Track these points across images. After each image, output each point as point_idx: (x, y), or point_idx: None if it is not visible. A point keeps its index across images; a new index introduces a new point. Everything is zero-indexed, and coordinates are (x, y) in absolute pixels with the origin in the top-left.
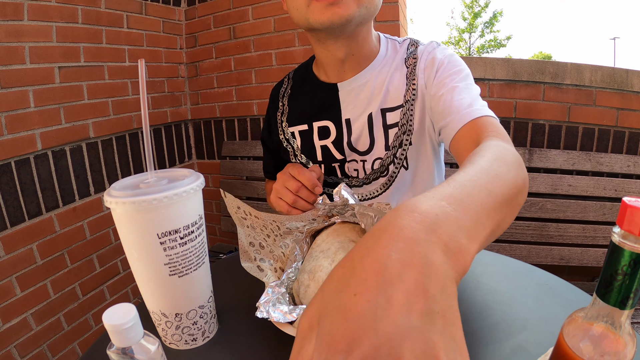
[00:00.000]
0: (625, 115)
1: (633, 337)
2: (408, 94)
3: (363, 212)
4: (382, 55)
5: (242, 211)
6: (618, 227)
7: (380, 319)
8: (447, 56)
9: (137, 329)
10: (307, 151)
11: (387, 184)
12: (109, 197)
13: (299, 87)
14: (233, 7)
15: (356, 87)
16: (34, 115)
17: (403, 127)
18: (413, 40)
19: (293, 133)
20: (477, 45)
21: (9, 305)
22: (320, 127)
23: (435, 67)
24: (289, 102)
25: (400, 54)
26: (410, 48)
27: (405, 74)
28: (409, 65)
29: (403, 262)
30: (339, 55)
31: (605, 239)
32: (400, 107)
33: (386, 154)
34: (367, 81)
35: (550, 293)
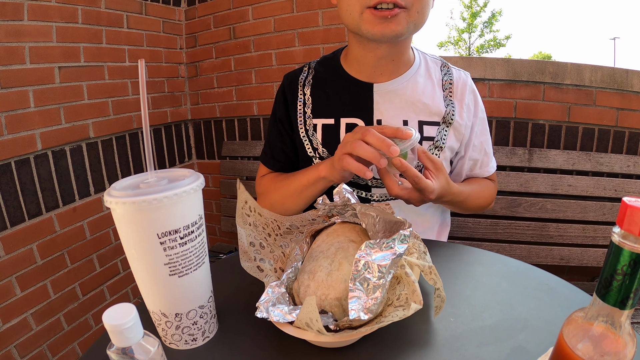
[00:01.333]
0: (625, 115)
1: (633, 337)
2: (447, 117)
3: (364, 211)
4: (416, 66)
5: (248, 207)
6: (618, 227)
7: None
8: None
9: (137, 329)
10: (329, 146)
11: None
12: (109, 197)
13: (324, 79)
14: (233, 7)
15: (392, 91)
16: (34, 115)
17: (436, 142)
18: (444, 62)
19: (315, 126)
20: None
21: (9, 305)
22: (348, 123)
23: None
24: (311, 93)
25: (436, 72)
26: (444, 69)
27: (443, 96)
28: (446, 89)
29: None
30: (379, 58)
31: (605, 239)
32: (437, 125)
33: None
34: (402, 88)
35: (550, 293)
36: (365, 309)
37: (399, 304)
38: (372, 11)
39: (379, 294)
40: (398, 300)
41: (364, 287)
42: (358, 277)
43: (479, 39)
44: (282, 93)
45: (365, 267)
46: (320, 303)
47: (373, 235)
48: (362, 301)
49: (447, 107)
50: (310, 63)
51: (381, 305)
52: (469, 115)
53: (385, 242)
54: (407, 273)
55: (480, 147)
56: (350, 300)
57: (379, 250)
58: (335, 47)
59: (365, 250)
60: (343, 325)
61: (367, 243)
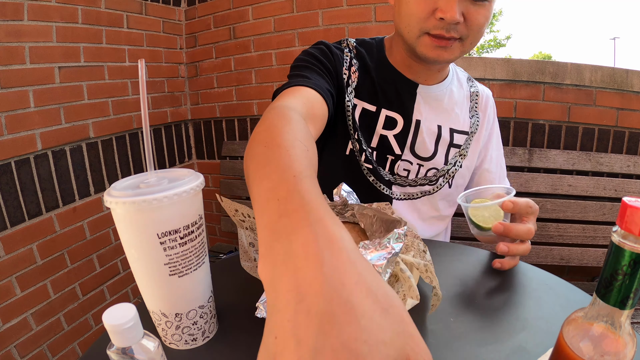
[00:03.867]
0: (625, 115)
1: (633, 337)
2: (473, 126)
3: (362, 212)
4: (451, 76)
5: (240, 214)
6: (618, 227)
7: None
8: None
9: (137, 329)
10: (364, 132)
11: (430, 192)
12: (109, 197)
13: (370, 65)
14: (233, 7)
15: (433, 95)
16: (34, 115)
17: (462, 150)
18: (469, 76)
19: (355, 106)
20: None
21: (9, 305)
22: (388, 116)
23: (492, 123)
24: (357, 71)
25: (464, 84)
26: (469, 82)
27: (469, 107)
28: (473, 99)
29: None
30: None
31: (605, 239)
32: (465, 134)
33: (443, 167)
34: (442, 94)
35: (550, 293)
36: None
37: None
38: (430, 37)
39: None
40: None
41: None
42: None
43: None
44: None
45: None
46: None
47: (371, 235)
48: None
49: (472, 118)
50: (350, 40)
51: None
52: (488, 127)
53: (380, 242)
54: (402, 270)
55: (497, 160)
56: None
57: (374, 250)
58: None
59: (360, 251)
60: None
61: (363, 243)
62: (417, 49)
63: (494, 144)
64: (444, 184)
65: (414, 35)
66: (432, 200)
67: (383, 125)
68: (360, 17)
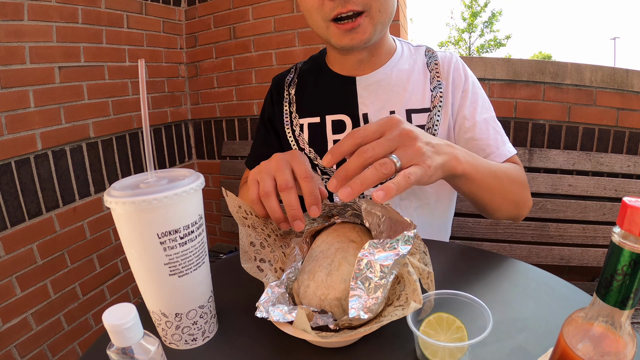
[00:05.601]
0: (626, 115)
1: (633, 337)
2: (436, 100)
3: (370, 210)
4: (399, 54)
5: (243, 210)
6: (618, 227)
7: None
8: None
9: (137, 329)
10: (317, 145)
11: None
12: (109, 197)
13: (308, 78)
14: (233, 7)
15: (375, 82)
16: (34, 115)
17: (428, 130)
18: (427, 46)
19: (302, 126)
20: (477, 45)
21: (9, 305)
22: (334, 120)
23: (462, 85)
24: (296, 93)
25: (420, 57)
26: (428, 54)
27: (429, 79)
28: (432, 69)
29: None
30: (359, 59)
31: (605, 239)
32: (427, 111)
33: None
34: (386, 77)
35: (550, 293)
36: (366, 309)
37: (398, 303)
38: (336, 25)
39: (380, 293)
40: (398, 300)
41: (365, 286)
42: (360, 275)
43: (479, 38)
44: (270, 95)
45: (368, 266)
46: (320, 303)
47: (377, 234)
48: (363, 300)
49: (434, 90)
50: (297, 64)
51: (381, 305)
52: (457, 92)
53: (389, 243)
54: (409, 272)
55: (483, 126)
56: (350, 298)
57: (382, 250)
58: None
59: (368, 250)
60: (343, 324)
61: (371, 242)
62: (332, 41)
63: (473, 107)
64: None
65: (323, 29)
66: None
67: (332, 131)
68: None
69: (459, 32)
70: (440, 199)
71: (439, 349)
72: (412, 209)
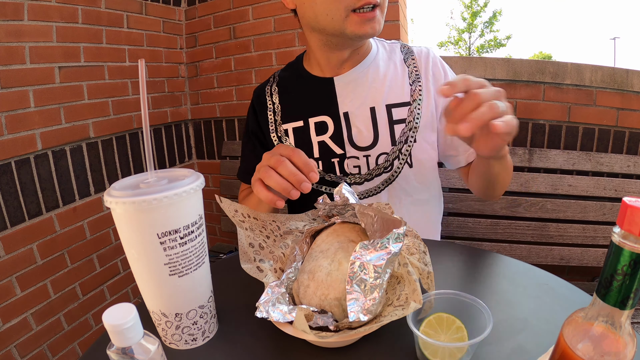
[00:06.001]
0: (626, 115)
1: (633, 337)
2: (415, 94)
3: (363, 211)
4: (374, 51)
5: (240, 214)
6: (618, 227)
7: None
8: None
9: (137, 329)
10: (302, 148)
11: (390, 179)
12: (109, 197)
13: (288, 84)
14: (233, 7)
15: (352, 81)
16: (34, 115)
17: (409, 124)
18: (402, 43)
19: (286, 131)
20: (477, 45)
21: (9, 305)
22: (317, 122)
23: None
24: (280, 100)
25: (396, 53)
26: (404, 49)
27: (407, 73)
28: (409, 64)
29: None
30: (344, 56)
31: (606, 239)
32: (407, 105)
33: (392, 148)
34: (363, 74)
35: (550, 293)
36: (365, 310)
37: (398, 303)
38: (357, 14)
39: (376, 294)
40: (398, 300)
41: (361, 288)
42: (354, 278)
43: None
44: (252, 107)
45: (361, 268)
46: (320, 303)
47: (372, 235)
48: (361, 302)
49: (414, 84)
50: (276, 73)
51: (380, 305)
52: (437, 84)
53: (380, 242)
54: (409, 272)
55: None
56: (348, 302)
57: (373, 251)
58: None
59: (359, 252)
60: (343, 326)
61: (361, 244)
62: (348, 30)
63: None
64: (402, 165)
65: (339, 19)
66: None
67: (316, 133)
68: None
69: (459, 32)
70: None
71: (439, 349)
72: (402, 205)
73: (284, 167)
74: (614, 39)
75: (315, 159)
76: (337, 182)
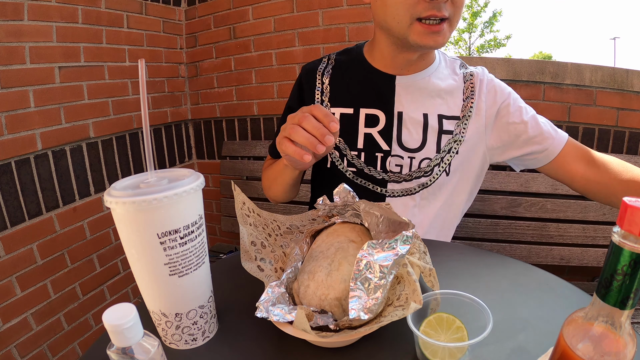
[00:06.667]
0: (626, 115)
1: (633, 337)
2: (465, 110)
3: (368, 210)
4: (437, 62)
5: (247, 207)
6: (618, 227)
7: None
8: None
9: (137, 329)
10: (347, 136)
11: (427, 184)
12: (109, 197)
13: (345, 69)
14: (233, 7)
15: (413, 84)
16: (34, 115)
17: (456, 136)
18: (462, 61)
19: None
20: (477, 45)
21: (9, 305)
22: (368, 114)
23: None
24: (330, 82)
25: (456, 69)
26: (462, 67)
27: (462, 90)
28: (467, 80)
29: None
30: (411, 58)
31: (606, 239)
32: (457, 119)
33: (436, 155)
34: (424, 81)
35: (550, 293)
36: (366, 309)
37: (398, 303)
38: (422, 24)
39: (379, 294)
40: (398, 300)
41: (365, 286)
42: (359, 276)
43: (480, 38)
44: (299, 84)
45: (367, 267)
46: (320, 303)
47: (376, 234)
48: (363, 301)
49: (466, 100)
50: (331, 55)
51: (381, 305)
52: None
53: (388, 243)
54: (409, 272)
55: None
56: (350, 299)
57: (381, 251)
58: (336, 48)
59: (367, 250)
60: (343, 325)
61: (370, 243)
62: (410, 38)
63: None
64: (441, 172)
65: (404, 25)
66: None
67: (365, 124)
68: (360, 17)
69: (459, 32)
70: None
71: (439, 349)
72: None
73: (308, 122)
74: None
75: (358, 149)
76: (375, 177)
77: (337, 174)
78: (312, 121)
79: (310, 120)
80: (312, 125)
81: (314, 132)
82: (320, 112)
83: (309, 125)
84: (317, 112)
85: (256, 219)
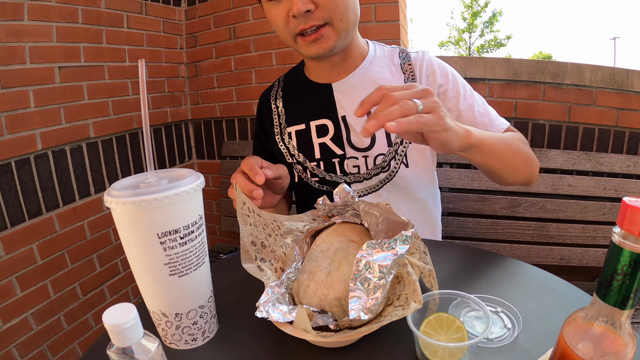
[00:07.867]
0: (626, 115)
1: (633, 337)
2: None
3: (368, 210)
4: (371, 55)
5: (247, 207)
6: (618, 227)
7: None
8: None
9: (137, 329)
10: (304, 149)
11: (387, 179)
12: (109, 197)
13: (290, 89)
14: (233, 7)
15: (350, 86)
16: (34, 115)
17: None
18: (401, 48)
19: (290, 134)
20: (477, 45)
21: (9, 305)
22: (317, 125)
23: (437, 82)
24: (284, 104)
25: (394, 58)
26: (402, 55)
27: (404, 79)
28: (406, 70)
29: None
30: (332, 64)
31: (606, 239)
32: None
33: (388, 150)
34: (360, 80)
35: (550, 293)
36: (366, 309)
37: (398, 303)
38: (302, 38)
39: (379, 294)
40: (398, 300)
41: (365, 287)
42: (359, 276)
43: (480, 38)
44: (258, 111)
45: (367, 267)
46: (320, 303)
47: (375, 234)
48: (363, 301)
49: None
50: (280, 78)
51: (381, 305)
52: (431, 85)
53: (387, 243)
54: (408, 272)
55: (471, 110)
56: (350, 299)
57: (380, 251)
58: None
59: (366, 250)
60: (343, 325)
61: (369, 243)
62: (301, 51)
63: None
64: (399, 165)
65: (292, 43)
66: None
67: (317, 135)
68: (360, 17)
69: (459, 32)
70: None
71: (439, 349)
72: (400, 202)
73: (239, 180)
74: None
75: (317, 159)
76: (338, 181)
77: (305, 186)
78: (241, 180)
79: (239, 179)
80: (241, 183)
81: (244, 190)
82: (246, 167)
83: (240, 183)
84: (244, 167)
85: (256, 219)
